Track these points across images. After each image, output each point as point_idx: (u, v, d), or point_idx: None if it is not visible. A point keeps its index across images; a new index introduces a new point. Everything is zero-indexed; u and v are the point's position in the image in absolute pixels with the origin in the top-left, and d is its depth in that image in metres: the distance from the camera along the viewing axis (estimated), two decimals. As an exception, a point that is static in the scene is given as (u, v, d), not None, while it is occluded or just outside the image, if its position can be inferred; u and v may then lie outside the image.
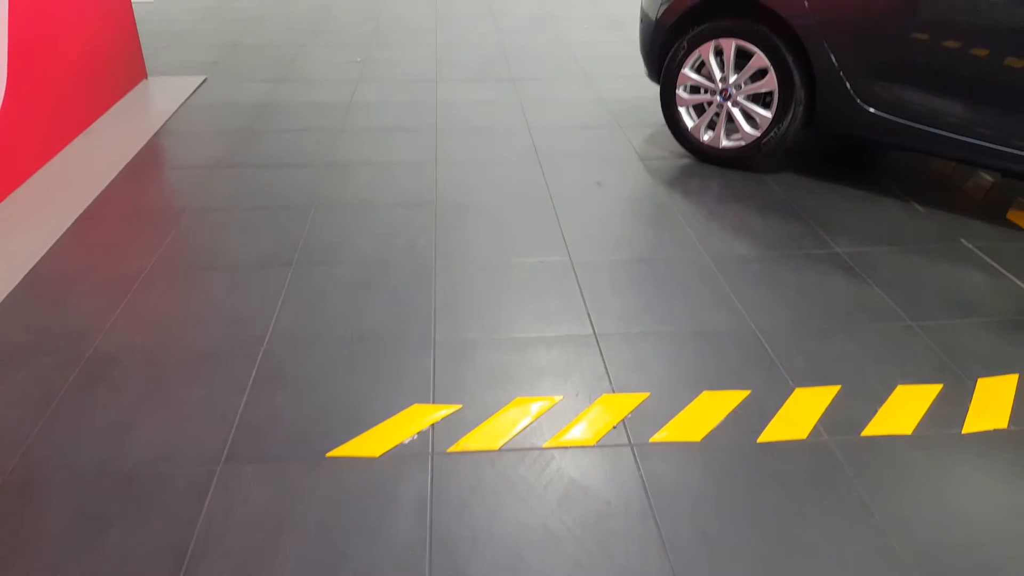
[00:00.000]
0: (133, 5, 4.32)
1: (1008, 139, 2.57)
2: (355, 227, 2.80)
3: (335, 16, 6.10)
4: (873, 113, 2.83)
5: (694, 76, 3.24)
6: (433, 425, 1.85)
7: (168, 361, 2.06)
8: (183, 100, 4.09)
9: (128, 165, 3.29)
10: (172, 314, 2.28)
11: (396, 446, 1.78)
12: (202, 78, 4.45)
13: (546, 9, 6.38)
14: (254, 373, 2.02)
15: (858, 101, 2.85)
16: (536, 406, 1.92)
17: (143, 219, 2.84)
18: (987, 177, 3.25)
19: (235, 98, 4.16)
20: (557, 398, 1.95)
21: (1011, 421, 1.88)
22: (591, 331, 2.22)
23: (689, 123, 3.34)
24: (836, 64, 2.84)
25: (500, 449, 1.78)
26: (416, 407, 1.90)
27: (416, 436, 1.81)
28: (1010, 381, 2.02)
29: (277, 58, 4.92)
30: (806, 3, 2.82)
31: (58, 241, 2.67)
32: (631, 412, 1.90)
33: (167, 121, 3.80)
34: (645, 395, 1.96)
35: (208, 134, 3.66)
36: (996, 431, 1.85)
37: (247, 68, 4.70)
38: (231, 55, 4.97)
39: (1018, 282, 2.47)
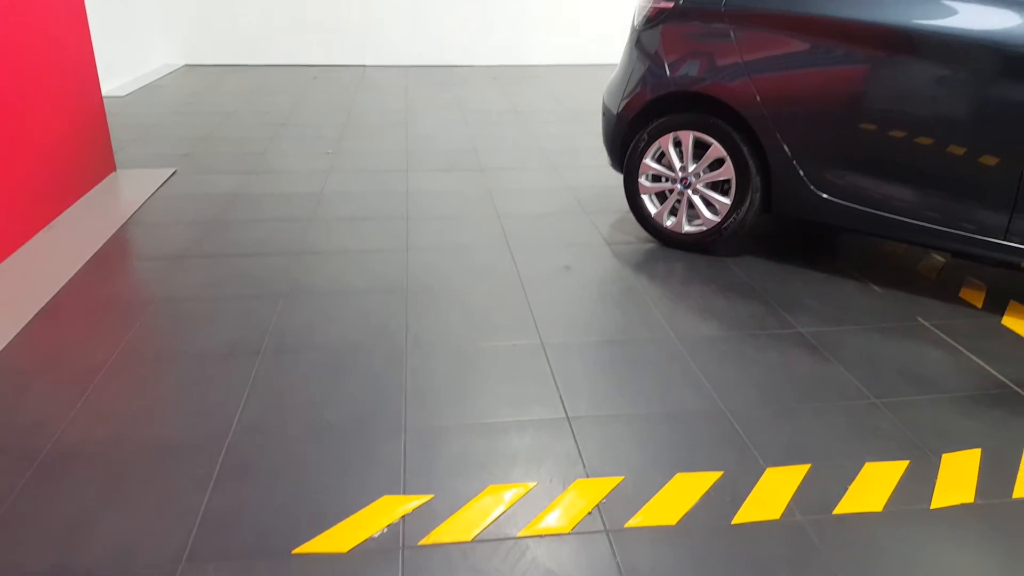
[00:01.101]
0: (104, 99, 4.40)
1: (955, 222, 2.71)
2: (325, 314, 2.80)
3: (306, 110, 6.27)
4: (826, 199, 2.97)
5: (655, 166, 3.37)
6: (404, 517, 1.80)
7: (129, 455, 2.00)
8: (152, 192, 4.12)
9: (93, 257, 3.27)
10: (134, 407, 2.22)
11: (365, 540, 1.73)
12: (172, 170, 4.50)
13: (512, 103, 6.64)
14: (218, 466, 1.96)
15: (811, 187, 2.99)
16: (509, 493, 1.89)
17: (107, 311, 2.81)
18: (939, 258, 3.39)
19: (205, 189, 4.20)
20: (531, 484, 1.92)
21: (977, 495, 1.90)
22: (564, 414, 2.21)
23: (652, 209, 3.45)
24: (789, 153, 2.99)
25: (473, 540, 1.74)
26: (386, 498, 1.86)
27: (386, 529, 1.76)
28: (973, 456, 2.05)
29: (248, 150, 5.01)
30: (758, 97, 2.99)
31: (18, 335, 2.62)
32: (605, 497, 1.88)
33: (135, 213, 3.82)
34: (619, 479, 1.94)
35: (176, 225, 3.67)
36: (964, 505, 1.86)
37: (217, 160, 4.77)
38: (202, 148, 5.05)
39: (974, 358, 2.55)
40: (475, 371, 2.44)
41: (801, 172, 2.99)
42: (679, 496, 1.88)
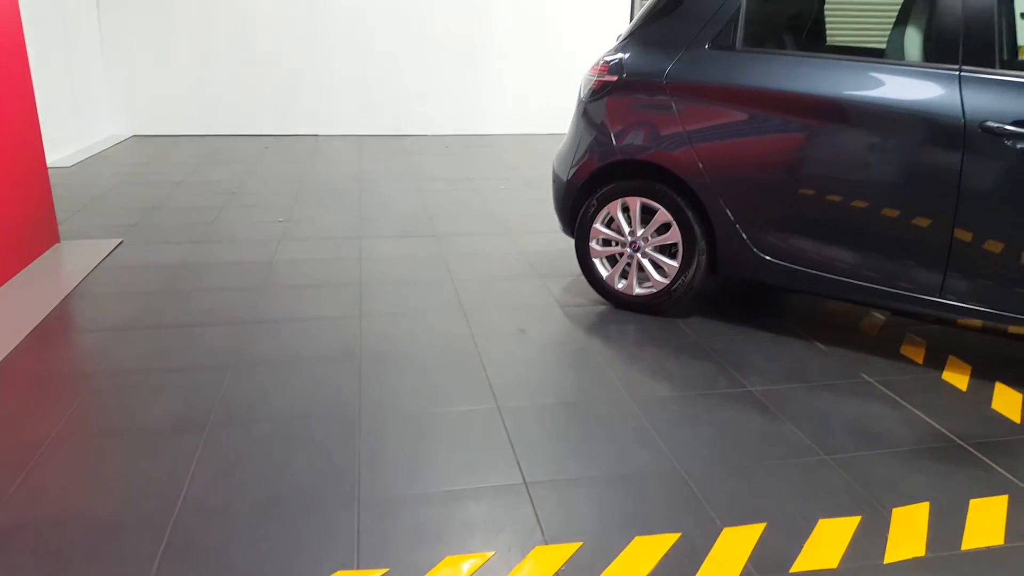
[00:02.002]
0: (48, 169, 4.34)
1: (893, 281, 2.82)
2: (275, 384, 2.75)
3: (257, 179, 6.27)
4: (769, 260, 3.07)
5: (605, 230, 3.46)
6: (358, 592, 1.74)
7: (68, 537, 1.90)
8: (97, 263, 4.03)
9: (34, 330, 3.16)
10: (75, 485, 2.12)
11: (318, 618, 1.66)
12: (118, 241, 4.43)
13: (464, 172, 6.76)
14: (162, 547, 1.88)
15: (754, 250, 3.09)
16: (467, 564, 1.85)
17: (48, 385, 2.71)
18: (879, 316, 3.52)
19: (152, 260, 4.13)
20: (489, 554, 1.88)
21: (928, 548, 1.93)
22: (521, 480, 2.19)
23: (604, 273, 3.52)
24: (732, 217, 3.10)
25: (430, 614, 1.69)
26: (339, 574, 1.80)
27: (340, 606, 1.70)
28: (922, 509, 2.09)
29: (197, 220, 4.96)
30: (700, 164, 3.12)
31: (-51, 412, 2.50)
32: (565, 564, 1.85)
33: (79, 284, 3.72)
34: (578, 544, 1.92)
35: (122, 296, 3.59)
36: (916, 559, 1.89)
37: (165, 230, 4.72)
38: (149, 218, 4.98)
39: (917, 412, 2.63)
40: (431, 438, 2.41)
41: (744, 235, 3.10)
42: (638, 560, 1.86)
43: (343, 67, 8.54)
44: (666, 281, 3.33)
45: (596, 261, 3.53)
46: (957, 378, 2.90)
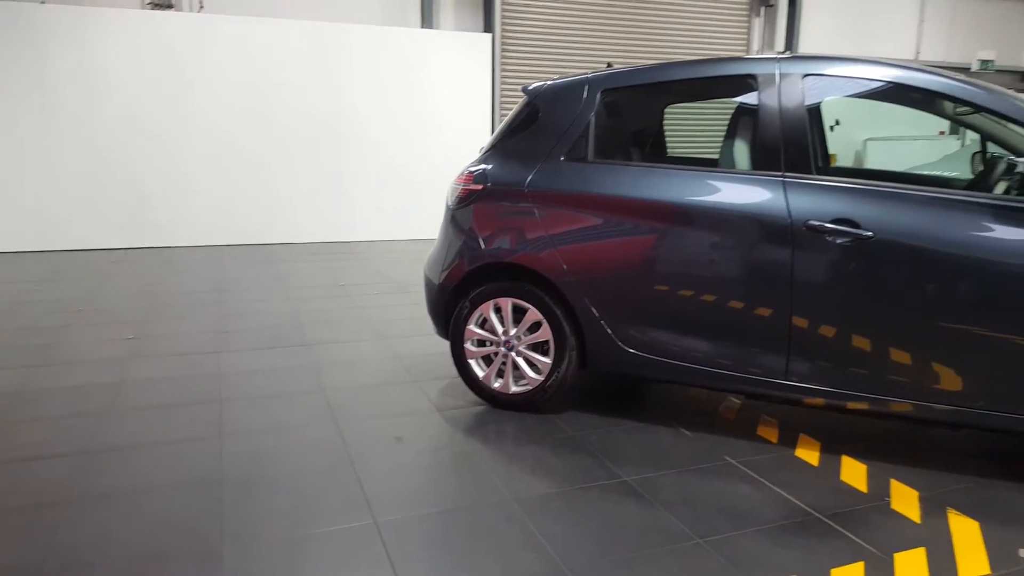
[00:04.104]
0: None
1: (744, 367, 3.03)
2: (124, 520, 2.49)
3: (104, 296, 5.88)
4: (633, 353, 3.22)
5: (479, 331, 3.50)
6: None
7: None
8: (-89, 394, 3.57)
9: None
10: None
11: None
12: (-61, 368, 3.97)
13: (334, 278, 6.68)
14: None
15: (619, 344, 3.24)
16: None
17: None
18: (735, 400, 3.74)
19: (-20, 387, 3.72)
20: None
21: (803, 623, 2.00)
22: (402, 599, 2.08)
23: (480, 373, 3.54)
24: (596, 314, 3.25)
25: None
26: None
27: None
28: (793, 584, 2.18)
29: (34, 342, 4.55)
30: (564, 265, 3.27)
31: None
32: None
33: None
34: (465, 662, 1.83)
35: (-59, 430, 3.18)
36: (794, 636, 1.95)
37: (-2, 353, 4.28)
38: (-21, 341, 4.51)
39: (777, 489, 2.77)
40: (302, 564, 2.26)
41: (609, 330, 3.24)
42: (529, 671, 1.80)
43: (199, 174, 8.33)
44: (540, 378, 3.39)
45: (472, 362, 3.55)
46: (809, 454, 3.10)
